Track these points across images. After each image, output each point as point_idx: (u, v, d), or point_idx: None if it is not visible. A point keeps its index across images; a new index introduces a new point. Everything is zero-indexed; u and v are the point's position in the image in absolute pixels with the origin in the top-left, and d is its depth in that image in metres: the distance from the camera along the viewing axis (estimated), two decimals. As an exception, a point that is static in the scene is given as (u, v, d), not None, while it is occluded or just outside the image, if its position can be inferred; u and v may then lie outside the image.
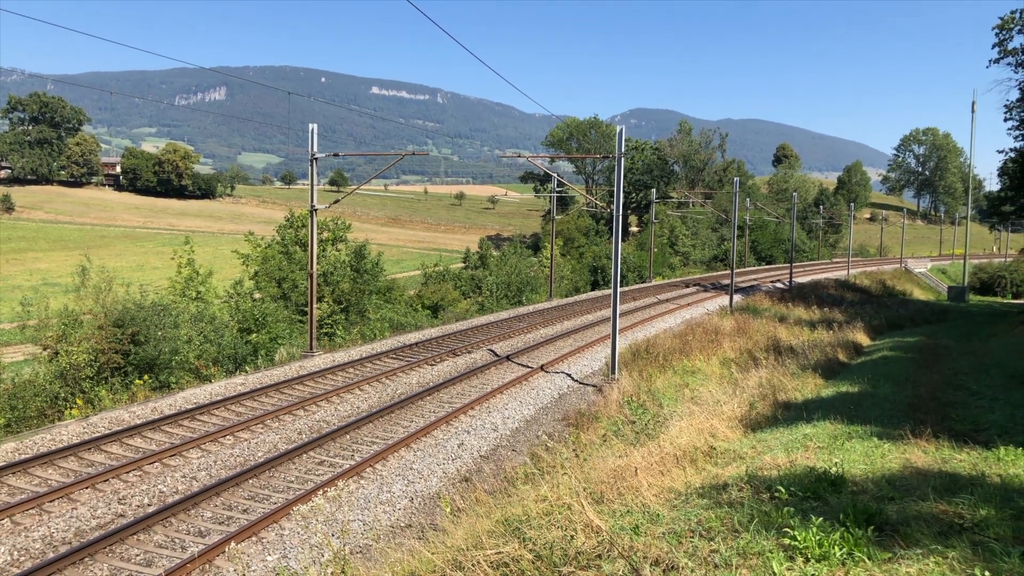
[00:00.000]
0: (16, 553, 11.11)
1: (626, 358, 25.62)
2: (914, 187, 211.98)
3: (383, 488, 14.46)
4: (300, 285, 36.74)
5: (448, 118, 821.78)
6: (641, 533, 6.75)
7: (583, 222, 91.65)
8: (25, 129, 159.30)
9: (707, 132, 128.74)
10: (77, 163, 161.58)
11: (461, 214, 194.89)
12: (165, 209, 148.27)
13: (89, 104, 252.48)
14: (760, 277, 67.77)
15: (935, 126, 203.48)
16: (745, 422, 14.70)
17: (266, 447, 16.44)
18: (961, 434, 11.17)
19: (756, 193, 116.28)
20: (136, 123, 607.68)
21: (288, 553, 11.47)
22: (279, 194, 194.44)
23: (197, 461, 15.36)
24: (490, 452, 17.15)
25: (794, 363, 22.47)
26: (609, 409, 19.37)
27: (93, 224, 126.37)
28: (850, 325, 32.23)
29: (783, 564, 5.63)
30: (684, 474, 9.85)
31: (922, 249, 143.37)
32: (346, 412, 19.48)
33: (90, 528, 12.08)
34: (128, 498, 13.30)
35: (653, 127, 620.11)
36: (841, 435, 11.59)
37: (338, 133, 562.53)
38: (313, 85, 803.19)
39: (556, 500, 8.17)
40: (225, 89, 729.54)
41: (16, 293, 55.91)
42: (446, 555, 7.09)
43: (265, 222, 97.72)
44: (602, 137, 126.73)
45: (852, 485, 8.11)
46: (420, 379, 23.41)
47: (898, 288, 69.75)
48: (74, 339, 22.93)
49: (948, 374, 19.27)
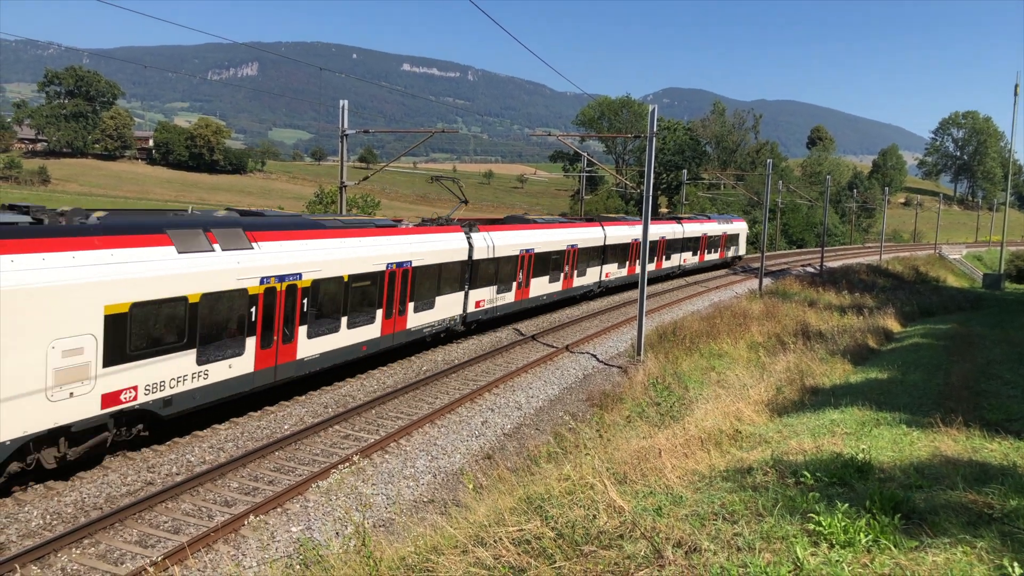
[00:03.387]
0: (49, 517, 11.36)
1: (652, 340, 25.52)
2: (951, 172, 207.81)
3: (407, 463, 14.58)
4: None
5: (478, 96, 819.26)
6: (664, 514, 6.73)
7: (612, 202, 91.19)
8: (61, 102, 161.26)
9: (740, 113, 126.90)
10: (111, 137, 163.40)
11: (490, 193, 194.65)
12: (196, 183, 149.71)
13: (123, 78, 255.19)
14: (791, 261, 67.05)
15: (975, 110, 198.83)
16: (771, 406, 14.59)
17: (292, 420, 16.62)
18: (993, 424, 10.98)
19: (789, 175, 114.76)
20: (169, 98, 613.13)
21: (312, 525, 11.62)
22: (309, 170, 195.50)
23: (224, 432, 15.57)
24: (513, 430, 17.22)
25: (823, 348, 22.23)
26: (634, 390, 19.32)
27: (126, 197, 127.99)
28: (881, 311, 31.78)
29: (807, 549, 5.58)
30: (708, 457, 9.80)
31: (957, 235, 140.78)
32: (372, 387, 19.63)
33: (120, 494, 12.32)
34: (157, 467, 13.54)
35: (686, 107, 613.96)
36: (869, 422, 11.46)
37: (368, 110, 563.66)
38: (344, 61, 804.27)
39: (579, 479, 8.17)
40: (257, 65, 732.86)
41: (51, 264, 56.87)
42: (468, 531, 7.13)
43: (295, 198, 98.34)
44: (634, 116, 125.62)
45: (879, 472, 8.01)
46: (445, 357, 23.50)
47: (931, 274, 68.65)
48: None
49: (981, 363, 18.95)
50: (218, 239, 15.11)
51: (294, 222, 18.68)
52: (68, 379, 11.99)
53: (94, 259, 12.50)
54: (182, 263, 14.06)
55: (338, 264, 18.32)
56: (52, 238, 12.07)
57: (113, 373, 12.77)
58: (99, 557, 10.30)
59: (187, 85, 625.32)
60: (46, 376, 11.65)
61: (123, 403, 13.06)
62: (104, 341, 12.52)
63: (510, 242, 27.52)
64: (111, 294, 12.61)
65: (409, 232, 22.05)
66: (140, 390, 13.34)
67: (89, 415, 12.45)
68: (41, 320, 11.53)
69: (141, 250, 13.40)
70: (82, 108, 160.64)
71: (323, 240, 18.22)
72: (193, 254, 14.35)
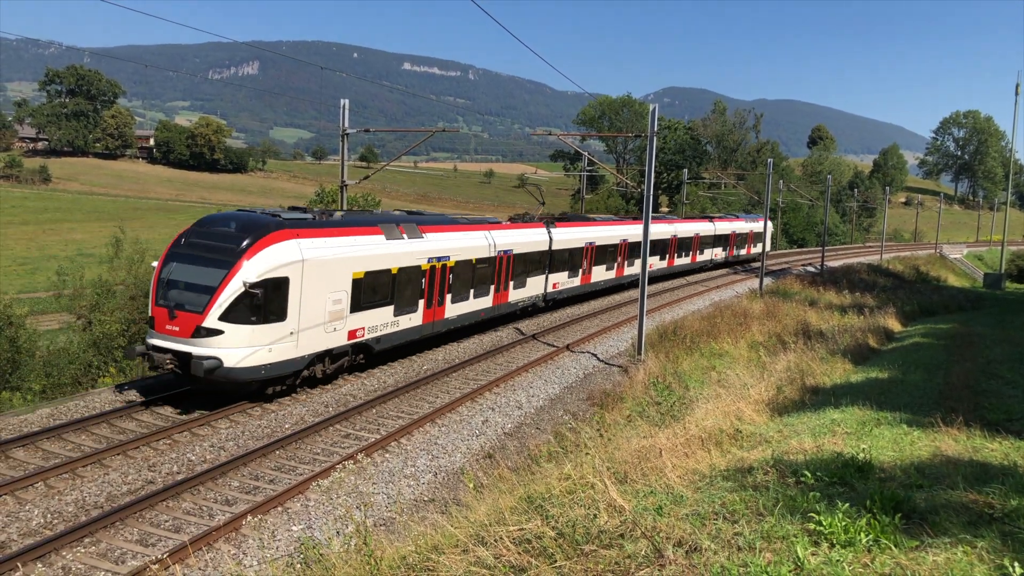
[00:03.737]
0: (49, 516, 11.37)
1: (653, 339, 25.51)
2: (952, 171, 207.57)
3: (407, 462, 14.59)
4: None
5: (479, 95, 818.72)
6: (664, 514, 6.73)
7: (613, 202, 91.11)
8: (62, 101, 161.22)
9: (741, 112, 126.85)
10: (112, 136, 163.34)
11: (490, 192, 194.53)
12: (197, 182, 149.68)
13: (124, 77, 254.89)
14: (791, 260, 67.01)
15: (976, 109, 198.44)
16: (772, 406, 14.58)
17: (293, 419, 16.63)
18: (994, 423, 10.97)
19: (790, 175, 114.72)
20: (170, 97, 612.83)
21: (313, 524, 11.63)
22: (309, 169, 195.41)
23: (225, 431, 15.58)
24: (514, 429, 17.22)
25: (823, 348, 22.21)
26: (634, 390, 19.32)
27: (127, 196, 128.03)
28: (882, 311, 31.74)
29: (808, 549, 5.57)
30: (709, 456, 9.80)
31: (958, 235, 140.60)
32: (373, 386, 19.64)
33: (121, 493, 12.33)
34: (158, 465, 13.55)
35: (687, 106, 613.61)
36: (870, 421, 11.45)
37: (369, 109, 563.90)
38: (345, 60, 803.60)
39: (579, 479, 8.17)
40: (258, 64, 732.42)
41: (52, 263, 56.91)
42: (469, 530, 7.13)
43: (296, 197, 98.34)
44: (634, 116, 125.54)
45: (880, 472, 8.01)
46: (446, 356, 23.51)
47: (932, 274, 68.60)
48: (107, 309, 23.33)
49: (981, 362, 18.93)
50: (405, 231, 21.20)
51: (443, 219, 25.03)
52: (333, 319, 18.06)
53: (345, 242, 18.48)
54: (388, 247, 20.10)
55: (470, 250, 24.20)
56: (324, 228, 18.08)
57: (354, 317, 18.86)
58: (100, 556, 10.30)
59: (188, 84, 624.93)
60: (324, 317, 17.72)
61: (358, 337, 19.27)
62: (351, 296, 18.56)
63: (578, 236, 32.92)
64: (354, 265, 18.58)
65: (510, 227, 28.14)
66: (366, 330, 19.53)
67: (341, 344, 18.69)
68: (323, 280, 17.48)
69: (367, 237, 19.44)
70: (83, 107, 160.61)
71: (461, 232, 24.27)
72: (393, 241, 20.42)
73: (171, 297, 16.13)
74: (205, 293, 15.73)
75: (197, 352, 15.53)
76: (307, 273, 16.83)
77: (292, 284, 16.56)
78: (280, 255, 16.35)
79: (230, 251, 15.99)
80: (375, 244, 19.53)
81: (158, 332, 16.14)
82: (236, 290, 15.60)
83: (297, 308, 16.77)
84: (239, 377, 16.04)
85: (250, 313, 15.87)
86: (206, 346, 15.62)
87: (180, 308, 15.86)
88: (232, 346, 15.68)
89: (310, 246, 17.11)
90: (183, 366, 15.79)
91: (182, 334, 15.77)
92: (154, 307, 16.35)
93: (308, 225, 17.74)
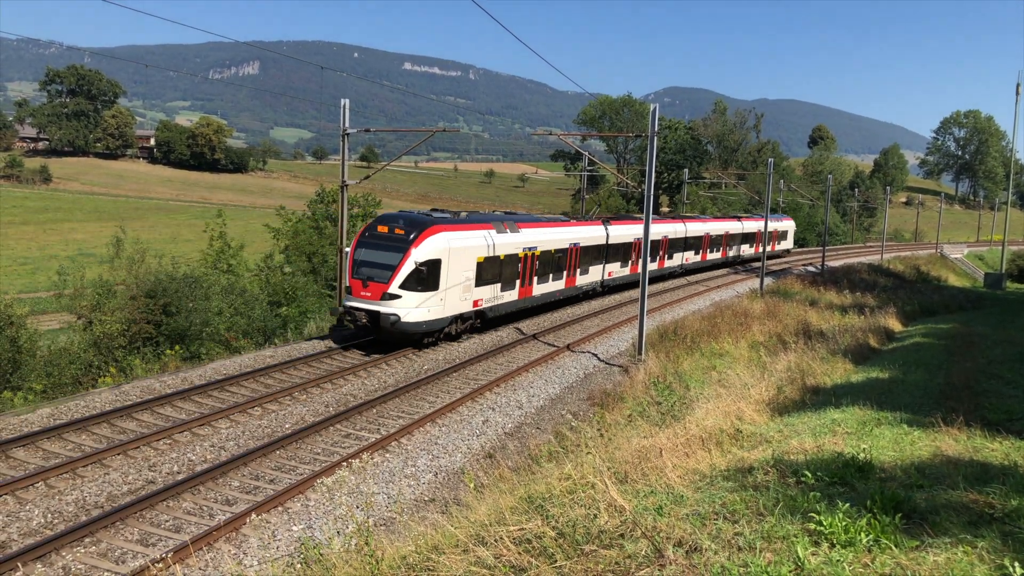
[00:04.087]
0: (50, 516, 11.38)
1: (653, 339, 25.51)
2: (953, 171, 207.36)
3: (408, 462, 14.59)
4: (330, 260, 36.94)
5: (479, 95, 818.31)
6: (665, 514, 6.72)
7: (613, 201, 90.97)
8: (63, 101, 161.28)
9: (742, 112, 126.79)
10: (112, 135, 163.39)
11: (491, 192, 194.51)
12: (198, 182, 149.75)
13: (125, 77, 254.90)
14: (792, 260, 66.94)
15: (977, 108, 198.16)
16: (772, 406, 14.58)
17: (293, 419, 16.63)
18: (994, 423, 10.96)
19: (790, 175, 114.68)
20: (170, 96, 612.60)
21: (313, 524, 11.63)
22: (310, 169, 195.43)
23: (226, 431, 15.59)
24: (515, 429, 17.22)
25: (824, 348, 22.20)
26: (635, 390, 19.32)
27: (127, 196, 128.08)
28: (882, 310, 31.72)
29: (808, 549, 5.57)
30: (709, 456, 9.80)
31: (959, 235, 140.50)
32: (373, 386, 19.64)
33: (122, 493, 12.34)
34: (158, 465, 13.55)
35: (687, 106, 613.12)
36: (870, 421, 11.45)
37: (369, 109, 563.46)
38: (346, 60, 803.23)
39: (580, 479, 8.17)
40: (258, 63, 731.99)
41: (52, 263, 56.94)
42: (469, 530, 7.13)
43: (296, 197, 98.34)
44: (635, 115, 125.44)
45: (880, 472, 8.00)
46: (446, 355, 23.51)
47: (933, 274, 68.52)
48: (108, 309, 23.31)
49: (982, 362, 18.92)
50: (507, 227, 27.02)
51: (531, 217, 31.99)
52: (464, 292, 24.13)
53: (471, 235, 24.52)
54: (498, 239, 25.91)
55: (551, 242, 29.73)
56: (458, 224, 24.36)
57: (476, 290, 24.88)
58: (100, 555, 10.31)
59: (188, 84, 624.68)
60: (461, 289, 23.77)
61: (478, 306, 25.35)
62: (475, 274, 24.55)
63: (628, 232, 37.94)
64: (477, 252, 24.59)
65: (577, 224, 33.55)
66: (483, 301, 25.58)
67: (469, 309, 24.80)
68: (459, 263, 23.45)
69: (484, 231, 25.41)
70: (83, 107, 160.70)
71: (544, 228, 29.95)
72: (500, 234, 26.25)
73: (363, 272, 22.60)
74: (388, 270, 22.13)
75: (384, 311, 21.96)
76: (451, 257, 23.06)
77: (442, 264, 22.74)
78: (435, 244, 22.62)
79: (404, 240, 22.42)
80: (489, 237, 25.53)
81: (355, 297, 22.59)
82: (409, 267, 21.98)
83: (444, 282, 22.92)
84: (409, 329, 22.34)
85: (417, 284, 22.15)
86: (390, 307, 21.98)
87: (371, 280, 22.30)
88: (406, 307, 22.03)
89: (452, 238, 23.30)
90: (373, 321, 22.14)
91: (373, 298, 22.25)
92: (351, 279, 22.80)
93: (449, 222, 24.03)
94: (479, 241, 24.80)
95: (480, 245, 24.76)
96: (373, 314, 22.05)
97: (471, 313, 25.14)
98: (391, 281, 21.94)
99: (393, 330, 22.08)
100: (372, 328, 22.52)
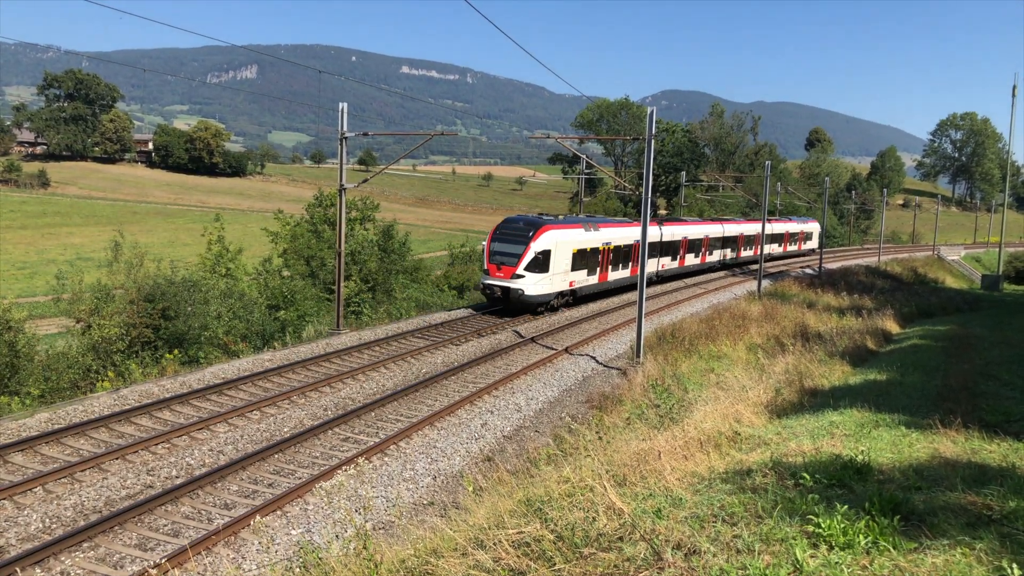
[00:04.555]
0: (48, 520, 11.36)
1: (651, 342, 25.51)
2: (949, 173, 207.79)
3: (406, 466, 14.58)
4: (328, 263, 36.96)
5: (477, 98, 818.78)
6: (663, 517, 6.73)
7: (611, 204, 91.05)
8: (61, 106, 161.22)
9: (739, 115, 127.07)
10: (110, 140, 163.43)
11: (489, 195, 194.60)
12: (196, 186, 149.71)
13: (122, 81, 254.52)
14: (789, 262, 67.00)
15: (974, 111, 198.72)
16: (770, 408, 14.58)
17: (292, 423, 16.63)
18: (992, 425, 10.98)
19: (787, 177, 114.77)
20: (168, 100, 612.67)
21: (312, 528, 11.62)
22: (308, 173, 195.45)
23: (224, 435, 15.58)
24: (513, 432, 17.21)
25: (822, 350, 22.22)
26: (633, 392, 19.32)
27: (125, 200, 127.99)
28: (880, 312, 31.75)
29: (806, 551, 5.58)
30: (708, 459, 9.80)
31: (956, 236, 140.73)
32: (372, 390, 19.64)
33: (120, 498, 12.32)
34: (157, 470, 13.54)
35: (684, 109, 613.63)
36: (868, 423, 11.46)
37: (367, 112, 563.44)
38: (343, 64, 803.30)
39: (579, 482, 8.17)
40: (256, 67, 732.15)
41: (51, 267, 56.89)
42: (468, 534, 7.12)
43: (294, 200, 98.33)
44: (632, 119, 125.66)
45: (878, 474, 8.01)
46: (445, 359, 23.50)
47: (930, 276, 68.60)
48: (106, 313, 23.29)
49: (980, 364, 18.93)
50: (591, 227, 33.83)
51: (606, 219, 39.13)
52: (565, 274, 31.09)
53: (568, 232, 31.25)
54: (585, 236, 32.75)
55: (621, 239, 36.53)
56: (560, 224, 31.28)
57: (571, 274, 31.79)
58: (99, 560, 10.29)
59: (186, 88, 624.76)
60: (562, 272, 30.79)
61: (573, 286, 32.37)
62: (571, 262, 31.42)
63: (678, 232, 45.10)
64: (573, 245, 31.40)
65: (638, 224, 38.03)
66: (576, 283, 32.53)
67: (566, 288, 31.68)
68: (562, 252, 30.51)
69: (576, 230, 32.22)
70: (81, 111, 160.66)
71: (617, 228, 36.93)
72: (587, 232, 33.07)
73: (496, 259, 30.08)
74: (515, 257, 29.60)
75: (513, 287, 29.57)
76: (557, 248, 30.39)
77: (552, 254, 30.07)
78: (547, 238, 29.98)
79: (526, 235, 29.90)
80: (580, 233, 32.65)
81: (492, 277, 30.20)
82: (530, 255, 29.43)
83: (553, 267, 30.24)
84: (530, 300, 29.93)
85: (535, 268, 29.64)
86: (517, 284, 29.52)
87: (503, 264, 29.86)
88: (528, 284, 29.53)
89: (557, 234, 30.63)
90: (504, 294, 29.86)
91: (504, 277, 29.76)
92: (488, 264, 30.46)
93: (554, 223, 31.55)
94: (574, 237, 31.92)
95: (575, 240, 31.87)
96: (505, 289, 29.73)
97: (568, 291, 32.49)
98: (518, 265, 29.49)
99: (518, 301, 29.84)
100: (503, 299, 30.09)
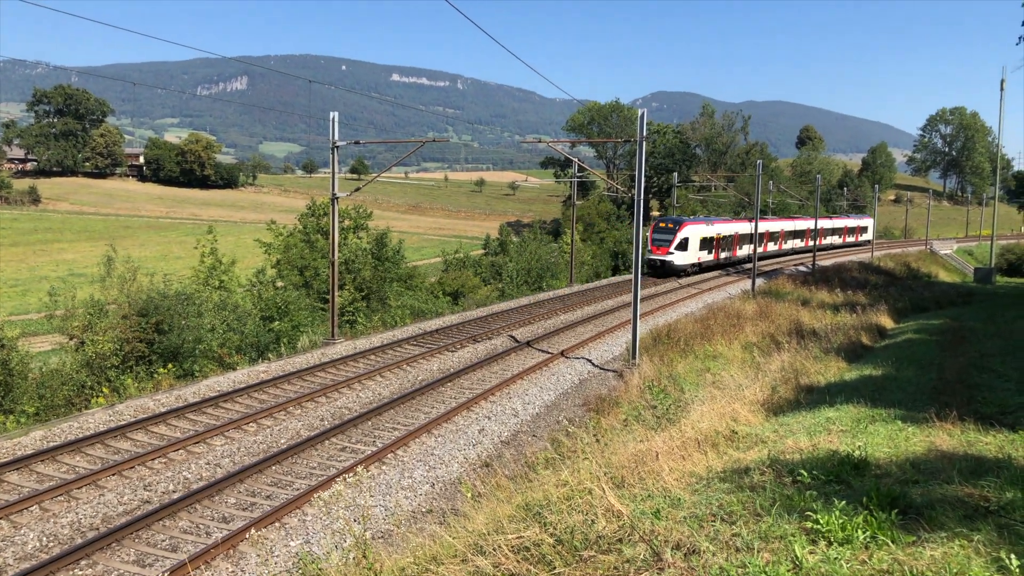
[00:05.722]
0: (45, 539, 11.30)
1: (647, 343, 25.53)
2: (940, 168, 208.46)
3: (404, 474, 14.55)
4: (322, 273, 36.94)
5: (468, 104, 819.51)
6: (662, 517, 6.72)
7: (604, 207, 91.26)
8: (50, 121, 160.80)
9: (730, 115, 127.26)
10: (101, 154, 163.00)
11: (481, 201, 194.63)
12: (188, 199, 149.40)
13: (112, 96, 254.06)
14: (783, 260, 67.18)
15: (963, 105, 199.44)
16: (767, 406, 14.59)
17: (289, 434, 16.58)
18: (987, 417, 11.00)
19: (779, 176, 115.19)
20: (158, 114, 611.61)
21: (311, 539, 11.58)
22: (300, 183, 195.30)
23: (221, 448, 15.53)
24: (511, 437, 17.20)
25: (817, 347, 22.26)
26: (630, 394, 19.32)
27: (117, 215, 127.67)
28: (874, 308, 31.83)
29: (805, 547, 5.58)
30: (705, 458, 9.80)
31: (948, 231, 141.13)
32: (368, 399, 19.60)
33: (117, 514, 12.27)
34: (153, 484, 13.48)
35: (675, 110, 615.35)
36: (864, 418, 11.48)
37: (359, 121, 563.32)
38: (334, 73, 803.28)
39: (577, 485, 8.16)
40: (246, 78, 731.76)
41: (43, 284, 56.72)
42: (467, 540, 7.11)
43: (287, 211, 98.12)
44: (623, 121, 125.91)
45: (875, 468, 8.02)
46: (441, 365, 23.48)
47: (923, 270, 68.82)
48: (100, 329, 23.23)
49: (974, 356, 18.98)
50: (708, 223, 52.74)
51: (718, 218, 59.66)
52: (695, 253, 50.90)
53: (698, 226, 51.39)
54: (705, 229, 51.86)
55: (727, 230, 55.16)
56: (692, 222, 51.66)
57: (699, 253, 51.30)
58: (97, 577, 10.23)
59: (176, 101, 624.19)
60: (695, 252, 50.94)
61: (700, 261, 51.97)
62: (699, 245, 51.05)
63: (768, 227, 62.65)
64: (700, 235, 51.04)
65: (737, 221, 58.42)
66: (701, 259, 51.87)
67: (696, 262, 51.48)
68: (695, 239, 50.63)
69: (701, 225, 51.65)
70: (71, 126, 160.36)
71: (723, 223, 54.98)
72: (707, 226, 52.17)
73: (657, 242, 48.97)
74: (668, 243, 48.78)
75: (668, 260, 48.71)
76: (691, 236, 49.33)
77: (689, 240, 49.08)
78: (687, 230, 49.08)
79: (674, 229, 48.97)
80: (704, 227, 50.99)
81: (654, 254, 48.91)
82: (677, 240, 48.61)
83: (688, 248, 49.22)
84: (676, 268, 48.99)
85: (680, 248, 48.83)
86: (669, 258, 48.66)
87: (661, 245, 48.90)
88: (676, 258, 48.90)
89: (692, 227, 49.71)
90: (663, 266, 48.80)
91: (662, 254, 48.76)
92: (651, 245, 48.89)
93: (688, 221, 49.89)
94: (701, 229, 50.50)
95: (701, 231, 50.47)
96: (662, 261, 48.72)
97: (697, 264, 50.98)
98: (670, 246, 48.59)
99: (671, 268, 48.78)
100: (661, 269, 48.92)
